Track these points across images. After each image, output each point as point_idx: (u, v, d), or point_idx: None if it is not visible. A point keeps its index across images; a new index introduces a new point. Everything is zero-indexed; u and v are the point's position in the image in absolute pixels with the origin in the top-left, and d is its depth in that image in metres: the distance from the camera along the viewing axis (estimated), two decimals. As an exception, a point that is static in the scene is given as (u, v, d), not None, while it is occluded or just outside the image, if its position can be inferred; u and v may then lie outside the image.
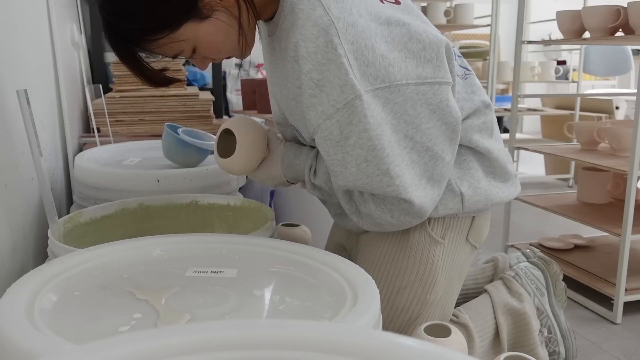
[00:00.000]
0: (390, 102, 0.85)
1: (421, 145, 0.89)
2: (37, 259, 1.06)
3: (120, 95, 1.72)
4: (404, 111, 0.86)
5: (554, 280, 1.14)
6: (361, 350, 0.32)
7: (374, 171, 0.86)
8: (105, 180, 1.10)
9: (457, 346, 0.83)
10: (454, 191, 0.96)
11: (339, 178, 0.89)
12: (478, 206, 0.98)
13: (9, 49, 0.98)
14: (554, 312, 1.13)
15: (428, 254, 0.99)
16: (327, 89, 0.83)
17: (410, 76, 0.86)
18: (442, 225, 0.99)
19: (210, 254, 0.78)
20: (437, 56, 0.89)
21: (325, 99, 0.84)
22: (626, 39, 1.86)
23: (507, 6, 4.47)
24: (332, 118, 0.85)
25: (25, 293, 0.59)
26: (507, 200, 1.02)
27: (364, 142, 0.84)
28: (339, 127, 0.85)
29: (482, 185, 0.98)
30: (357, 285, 0.64)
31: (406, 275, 0.99)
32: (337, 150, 0.87)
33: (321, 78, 0.83)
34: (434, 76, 0.88)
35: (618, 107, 3.46)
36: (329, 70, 0.82)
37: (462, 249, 1.02)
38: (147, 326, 0.57)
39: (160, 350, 0.31)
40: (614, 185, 2.05)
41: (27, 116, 0.78)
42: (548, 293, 1.14)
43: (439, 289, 1.00)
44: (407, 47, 0.87)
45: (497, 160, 0.99)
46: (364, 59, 0.83)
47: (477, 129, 0.98)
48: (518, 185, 1.05)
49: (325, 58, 0.82)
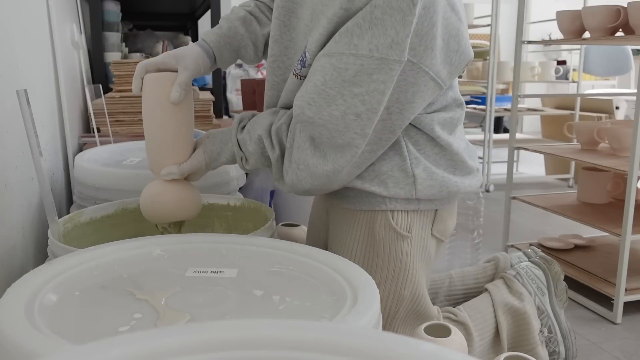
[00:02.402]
0: (403, 74, 0.83)
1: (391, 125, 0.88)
2: (37, 259, 1.06)
3: (120, 95, 1.72)
4: (404, 90, 0.85)
5: (555, 280, 1.14)
6: (361, 350, 0.32)
7: (356, 128, 0.83)
8: (105, 180, 1.10)
9: (457, 346, 0.83)
10: (406, 172, 0.94)
11: (311, 109, 0.84)
12: (432, 191, 0.96)
13: (9, 49, 0.98)
14: (554, 311, 1.12)
15: (396, 249, 0.98)
16: (377, 30, 0.78)
17: (433, 68, 0.86)
18: (406, 218, 0.98)
19: (210, 254, 0.78)
20: (458, 65, 0.90)
21: (367, 37, 0.79)
22: (626, 39, 1.86)
23: (507, 6, 4.47)
24: (360, 58, 0.80)
25: (25, 293, 0.59)
26: (465, 191, 1.00)
27: (369, 100, 0.81)
28: (357, 70, 0.80)
29: (438, 172, 0.96)
30: (357, 285, 0.64)
31: (378, 272, 0.98)
32: (336, 86, 0.82)
33: (380, 18, 0.78)
34: (444, 80, 0.90)
35: (618, 107, 3.45)
36: (392, 17, 0.78)
37: (428, 242, 1.01)
38: (147, 326, 0.57)
39: (160, 350, 0.31)
40: (614, 185, 2.05)
41: (27, 116, 0.78)
42: (549, 293, 1.14)
43: (413, 283, 1.00)
44: (448, 40, 0.87)
45: (457, 154, 0.98)
46: (420, 28, 0.81)
47: (441, 122, 0.97)
48: (479, 178, 1.03)
49: (398, 4, 0.77)
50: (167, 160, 0.92)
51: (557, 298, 1.14)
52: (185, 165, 0.93)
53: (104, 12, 2.41)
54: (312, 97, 0.84)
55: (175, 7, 3.35)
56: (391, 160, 0.95)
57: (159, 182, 0.92)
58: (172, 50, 0.98)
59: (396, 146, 0.95)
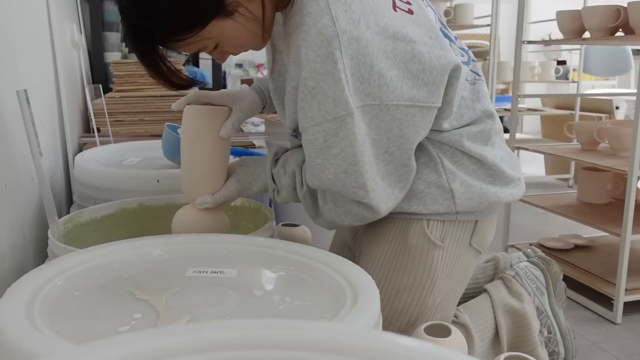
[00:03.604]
0: (377, 118, 0.86)
1: (400, 161, 0.90)
2: (37, 259, 1.06)
3: (120, 95, 1.72)
4: (389, 129, 0.87)
5: (554, 280, 1.14)
6: (361, 350, 0.32)
7: (351, 183, 0.87)
8: (105, 180, 1.10)
9: (457, 346, 0.83)
10: (443, 187, 0.95)
11: (315, 178, 0.90)
12: (472, 204, 0.97)
13: (8, 49, 0.98)
14: (553, 312, 1.12)
15: (427, 257, 0.98)
16: (319, 97, 0.83)
17: (403, 97, 0.86)
18: (441, 228, 0.99)
19: (210, 254, 0.78)
20: (434, 80, 0.88)
21: (316, 107, 0.84)
22: (626, 39, 1.86)
23: (507, 6, 4.47)
24: (319, 126, 0.85)
25: (25, 293, 0.59)
26: (507, 201, 1.01)
27: (346, 156, 0.86)
28: (324, 135, 0.85)
29: (476, 184, 0.97)
30: (357, 285, 0.64)
31: (404, 278, 0.99)
32: (318, 155, 0.87)
33: (316, 87, 0.83)
34: (426, 100, 0.88)
35: (618, 107, 3.46)
36: (324, 81, 0.82)
37: (464, 253, 1.01)
38: (147, 326, 0.57)
39: (160, 350, 0.31)
40: (614, 185, 2.05)
41: (27, 116, 0.78)
42: (548, 293, 1.13)
43: (438, 293, 0.99)
44: (407, 66, 0.86)
45: (494, 164, 0.98)
46: (360, 75, 0.83)
47: (471, 136, 0.97)
48: (522, 187, 1.04)
49: (324, 69, 0.82)
50: (201, 189, 0.95)
51: (556, 298, 1.14)
52: (218, 195, 0.96)
53: (104, 12, 2.41)
54: (310, 169, 0.91)
55: (175, 7, 3.34)
56: (426, 179, 0.96)
57: (191, 209, 0.95)
58: (228, 90, 1.05)
59: (430, 164, 0.96)
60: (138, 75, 1.80)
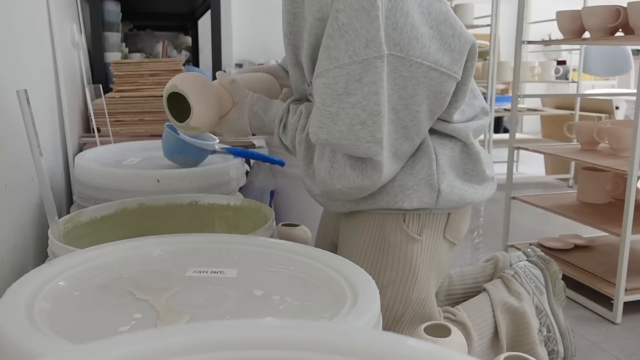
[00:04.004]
0: (396, 72, 0.82)
1: (401, 122, 0.88)
2: (37, 259, 1.06)
3: (120, 95, 1.72)
4: (403, 86, 0.84)
5: (553, 279, 1.14)
6: (361, 350, 0.32)
7: (367, 136, 0.82)
8: (105, 180, 1.10)
9: (457, 346, 0.83)
10: (432, 186, 0.95)
11: (323, 131, 0.85)
12: (451, 204, 0.98)
13: (9, 48, 0.98)
14: (553, 311, 1.12)
15: (406, 251, 0.98)
16: (348, 35, 0.78)
17: (428, 58, 0.83)
18: (417, 221, 0.98)
19: (210, 254, 0.78)
20: (460, 49, 0.87)
21: (343, 46, 0.79)
22: (626, 39, 1.85)
23: (507, 6, 4.47)
24: (343, 68, 0.79)
25: (25, 293, 0.59)
26: (479, 201, 1.01)
27: (367, 105, 0.80)
28: (346, 80, 0.80)
29: (457, 185, 0.97)
30: (357, 285, 0.64)
31: (387, 274, 0.99)
32: (334, 102, 0.82)
33: (347, 23, 0.78)
34: (448, 67, 0.86)
35: (618, 107, 3.45)
36: (358, 18, 0.77)
37: (440, 245, 1.02)
38: (147, 326, 0.57)
39: (160, 350, 0.31)
40: (614, 185, 2.05)
41: (27, 116, 0.78)
42: (547, 292, 1.13)
43: (421, 286, 1.00)
44: (439, 27, 0.84)
45: (481, 162, 0.99)
46: (395, 21, 0.79)
47: (473, 129, 0.99)
48: (493, 187, 1.05)
49: (360, 4, 0.77)
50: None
51: (555, 297, 1.14)
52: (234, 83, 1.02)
53: (104, 12, 2.41)
54: (319, 120, 0.85)
55: (175, 7, 3.35)
56: (418, 175, 0.94)
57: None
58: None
59: (424, 159, 0.94)
60: (138, 75, 1.80)
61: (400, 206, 0.95)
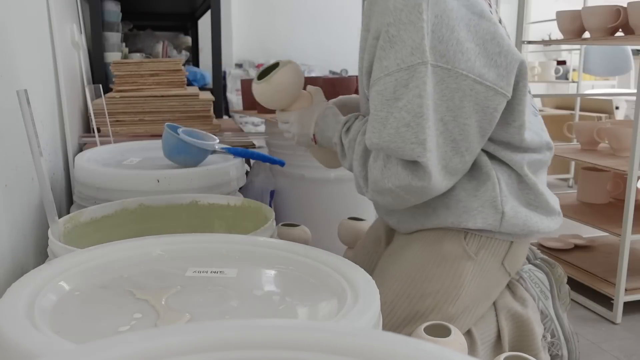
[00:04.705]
0: (443, 83, 0.87)
1: (450, 134, 0.90)
2: (37, 259, 1.06)
3: (120, 95, 1.72)
4: (450, 97, 0.88)
5: (559, 283, 1.14)
6: (361, 350, 0.32)
7: (411, 138, 0.87)
8: (105, 180, 1.10)
9: (457, 346, 0.83)
10: (496, 208, 0.96)
11: (375, 135, 0.91)
12: (515, 230, 0.98)
13: (8, 49, 0.98)
14: (557, 315, 1.12)
15: (458, 266, 0.98)
16: (397, 46, 0.86)
17: (474, 71, 0.87)
18: (477, 242, 0.99)
19: (210, 254, 0.78)
20: (506, 66, 0.90)
21: (392, 56, 0.87)
22: (626, 39, 1.86)
23: (507, 6, 4.47)
24: (392, 75, 0.87)
25: (25, 293, 0.59)
26: (544, 232, 1.02)
27: (412, 107, 0.86)
28: (394, 86, 0.87)
29: (522, 211, 0.98)
30: (357, 285, 0.64)
31: (432, 283, 0.98)
32: (384, 107, 0.89)
33: (396, 35, 0.86)
34: (494, 82, 0.89)
35: (618, 107, 3.46)
36: (406, 30, 0.85)
37: (494, 271, 1.02)
38: (147, 326, 0.57)
39: (160, 350, 0.31)
40: (614, 185, 2.05)
41: (27, 116, 0.78)
42: (552, 296, 1.13)
43: (461, 304, 0.99)
44: (485, 44, 0.88)
45: (542, 194, 1.00)
46: (440, 35, 0.85)
47: (530, 162, 0.99)
48: (560, 221, 1.05)
49: (408, 18, 0.85)
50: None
51: (560, 301, 1.13)
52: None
53: (104, 12, 2.41)
54: (371, 125, 0.91)
55: (175, 7, 3.35)
56: (482, 197, 0.97)
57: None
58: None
59: (488, 183, 0.97)
60: (138, 75, 1.80)
61: (465, 226, 0.97)
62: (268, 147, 2.06)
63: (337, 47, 5.35)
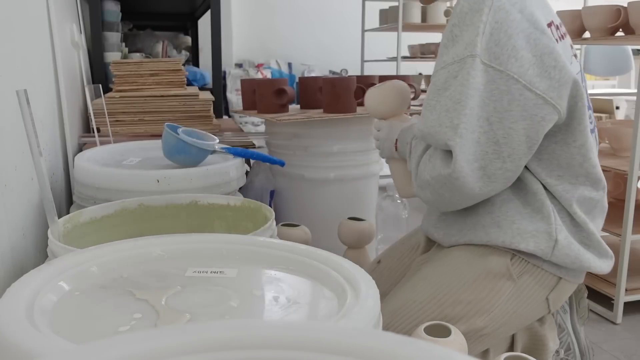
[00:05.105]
0: (494, 84, 0.90)
1: (494, 135, 0.90)
2: (37, 259, 1.06)
3: (120, 95, 1.72)
4: (499, 99, 0.90)
5: (578, 297, 1.13)
6: (361, 350, 0.32)
7: (446, 121, 0.90)
8: (105, 180, 1.10)
9: (457, 346, 0.83)
10: (550, 234, 0.96)
11: (421, 122, 0.96)
12: (566, 261, 0.97)
13: (8, 48, 0.98)
14: (574, 329, 1.12)
15: (497, 283, 0.97)
16: (457, 43, 0.92)
17: (525, 78, 0.89)
18: (523, 267, 0.98)
19: (210, 254, 0.78)
20: (559, 79, 0.91)
21: (451, 52, 0.92)
22: (626, 39, 1.86)
23: (507, 6, 4.47)
24: (446, 68, 0.92)
25: (25, 293, 0.59)
26: (596, 271, 1.00)
27: (454, 95, 0.90)
28: (446, 77, 0.92)
29: (575, 244, 0.97)
30: (357, 285, 0.64)
31: (467, 292, 0.98)
32: (434, 96, 0.93)
33: (459, 35, 0.92)
34: (544, 92, 0.90)
35: (618, 107, 3.45)
36: (467, 31, 0.90)
37: (535, 302, 1.00)
38: (147, 326, 0.57)
39: (160, 350, 0.31)
40: (614, 185, 2.05)
41: (27, 116, 0.78)
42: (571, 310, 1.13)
43: (490, 320, 0.98)
44: (542, 57, 0.90)
45: (593, 234, 0.99)
46: (497, 39, 0.89)
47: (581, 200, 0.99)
48: (611, 265, 1.04)
49: (471, 20, 0.90)
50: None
51: (578, 315, 1.13)
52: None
53: (104, 12, 2.41)
54: (423, 113, 0.96)
55: (175, 7, 3.35)
56: (537, 224, 0.97)
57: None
58: None
59: (544, 210, 0.97)
60: (138, 75, 1.80)
61: (517, 247, 0.97)
62: (268, 147, 2.06)
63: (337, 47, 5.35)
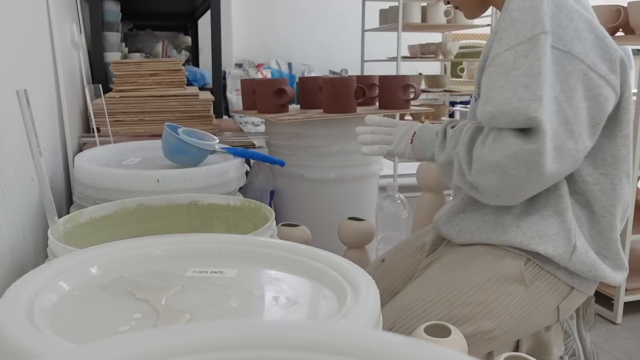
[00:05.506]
0: (559, 64, 0.90)
1: (564, 114, 0.90)
2: (37, 259, 1.06)
3: (120, 95, 1.72)
4: (565, 79, 0.90)
5: (586, 304, 1.13)
6: (361, 350, 0.32)
7: (528, 96, 0.87)
8: (105, 180, 1.10)
9: (457, 346, 0.83)
10: (569, 240, 0.96)
11: (488, 104, 0.91)
12: (582, 269, 0.96)
13: (8, 48, 0.98)
14: (580, 335, 1.11)
15: (509, 287, 0.97)
16: (518, 26, 0.90)
17: (588, 58, 0.90)
18: (536, 272, 0.98)
19: (210, 254, 0.78)
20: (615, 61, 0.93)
21: (513, 34, 0.90)
22: (626, 39, 1.85)
23: (507, 6, 4.47)
24: (512, 48, 0.90)
25: (25, 293, 0.59)
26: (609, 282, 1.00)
27: (531, 71, 0.88)
28: (514, 57, 0.90)
29: (592, 253, 0.97)
30: (357, 285, 0.64)
31: (478, 294, 0.97)
32: (501, 77, 0.90)
33: (518, 18, 0.90)
34: (605, 73, 0.92)
35: (618, 107, 3.45)
36: (527, 14, 0.89)
37: (545, 309, 1.00)
38: (147, 326, 0.57)
39: (160, 350, 0.31)
40: (614, 185, 2.05)
41: (27, 116, 0.78)
42: (577, 316, 1.12)
43: (499, 324, 0.97)
44: (603, 39, 0.92)
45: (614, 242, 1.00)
46: (559, 21, 0.90)
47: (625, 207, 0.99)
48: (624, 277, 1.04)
49: (530, 3, 0.90)
50: None
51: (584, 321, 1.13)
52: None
53: (104, 12, 2.41)
54: (485, 97, 0.92)
55: (175, 7, 3.35)
56: (558, 227, 0.96)
57: None
58: None
59: (565, 214, 0.97)
60: (138, 75, 1.80)
61: (534, 248, 0.96)
62: (268, 147, 2.06)
63: (337, 47, 5.36)
